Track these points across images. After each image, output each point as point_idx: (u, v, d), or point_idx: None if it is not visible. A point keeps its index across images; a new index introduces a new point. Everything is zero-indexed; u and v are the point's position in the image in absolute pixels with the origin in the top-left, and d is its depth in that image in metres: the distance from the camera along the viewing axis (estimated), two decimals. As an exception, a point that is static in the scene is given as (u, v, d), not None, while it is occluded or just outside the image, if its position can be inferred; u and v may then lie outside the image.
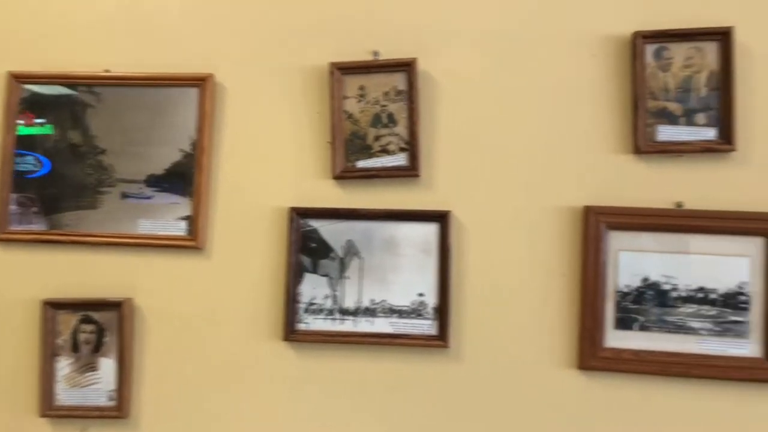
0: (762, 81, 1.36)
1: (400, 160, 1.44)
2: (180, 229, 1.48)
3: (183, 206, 1.49)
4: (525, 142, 1.42)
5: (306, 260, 1.43)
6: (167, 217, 1.49)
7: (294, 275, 1.42)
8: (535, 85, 1.42)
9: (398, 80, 1.45)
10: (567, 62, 1.42)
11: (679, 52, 1.38)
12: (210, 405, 1.46)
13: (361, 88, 1.47)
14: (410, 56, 1.43)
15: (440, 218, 1.40)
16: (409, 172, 1.43)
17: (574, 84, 1.41)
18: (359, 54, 1.47)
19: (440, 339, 1.38)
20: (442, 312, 1.39)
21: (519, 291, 1.39)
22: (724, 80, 1.35)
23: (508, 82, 1.43)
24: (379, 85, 1.46)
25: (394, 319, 1.40)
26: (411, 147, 1.43)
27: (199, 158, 1.49)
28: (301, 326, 1.42)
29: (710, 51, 1.36)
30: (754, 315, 1.31)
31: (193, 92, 1.51)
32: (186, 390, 1.47)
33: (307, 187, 1.46)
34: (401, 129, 1.44)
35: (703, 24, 1.36)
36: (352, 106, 1.46)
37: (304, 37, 1.51)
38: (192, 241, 1.47)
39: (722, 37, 1.35)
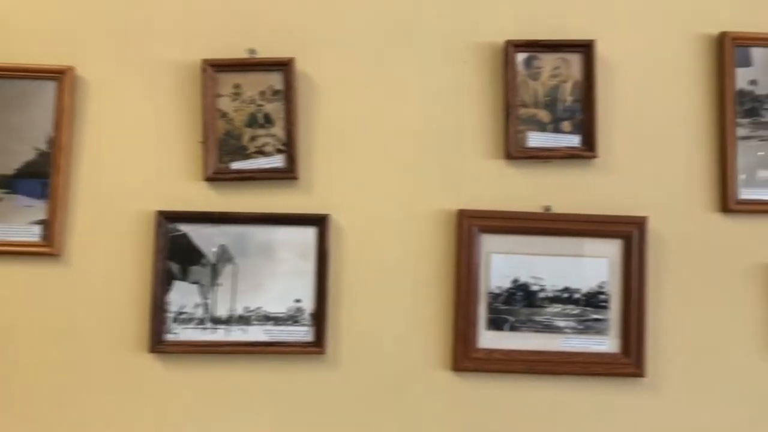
0: (621, 92, 1.44)
1: (277, 161, 1.40)
2: (33, 234, 1.36)
3: (37, 209, 1.36)
4: (401, 146, 1.42)
5: (175, 267, 1.36)
6: (18, 222, 1.36)
7: (161, 283, 1.35)
8: (411, 89, 1.43)
9: (275, 80, 1.41)
10: (442, 67, 1.44)
11: (547, 61, 1.43)
12: (72, 423, 1.35)
13: (236, 86, 1.41)
14: (288, 55, 1.40)
15: (318, 222, 1.38)
16: (287, 174, 1.39)
17: (449, 89, 1.43)
18: (235, 51, 1.41)
19: (317, 345, 1.36)
20: (319, 318, 1.36)
21: (395, 295, 1.39)
22: (586, 90, 1.42)
23: (385, 85, 1.43)
24: (255, 83, 1.41)
25: (269, 327, 1.36)
26: (288, 148, 1.39)
27: (56, 157, 1.37)
28: (169, 337, 1.35)
29: (575, 62, 1.43)
30: (613, 313, 1.39)
31: (50, 86, 1.39)
32: (46, 408, 1.35)
33: (176, 190, 1.39)
34: (278, 130, 1.40)
35: (570, 36, 1.43)
36: (226, 104, 1.41)
37: (176, 31, 1.43)
38: (47, 248, 1.35)
39: (585, 49, 1.42)
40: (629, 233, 1.39)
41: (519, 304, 1.39)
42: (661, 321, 1.40)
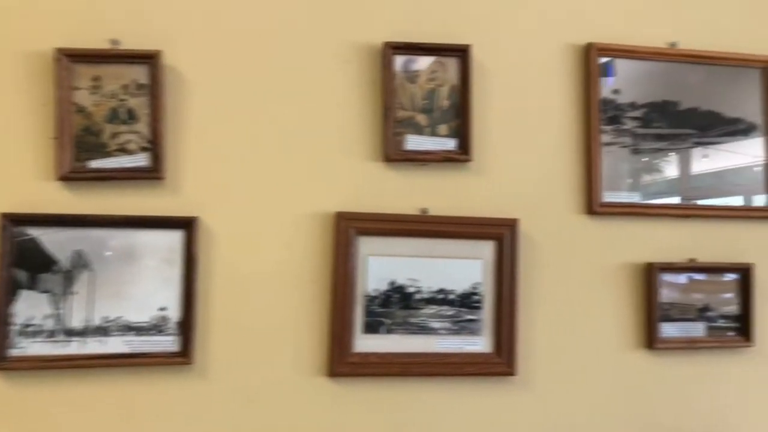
0: (496, 97, 1.48)
1: (141, 160, 1.31)
2: None
3: None
4: (277, 146, 1.38)
5: (22, 275, 1.24)
6: None
7: (5, 293, 1.22)
8: (288, 88, 1.39)
9: (140, 73, 1.32)
10: (320, 67, 1.41)
11: (425, 65, 1.44)
12: None
13: (96, 78, 1.31)
14: (154, 48, 1.31)
15: (186, 225, 1.30)
16: (152, 174, 1.30)
17: (328, 89, 1.40)
18: (96, 41, 1.31)
19: (183, 356, 1.28)
20: (186, 327, 1.29)
21: (268, 300, 1.35)
22: (462, 95, 1.44)
23: (260, 83, 1.38)
24: (117, 76, 1.32)
25: (131, 338, 1.27)
26: (154, 147, 1.30)
27: None
28: (15, 352, 1.22)
29: (451, 66, 1.45)
30: (486, 313, 1.42)
31: None
32: None
33: (24, 190, 1.27)
34: (143, 126, 1.31)
35: (447, 40, 1.44)
36: (83, 98, 1.30)
37: (27, 19, 1.31)
38: None
39: (462, 54, 1.44)
40: (501, 235, 1.42)
41: (395, 306, 1.39)
42: (532, 320, 1.44)
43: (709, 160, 1.58)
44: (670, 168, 1.56)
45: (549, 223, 1.47)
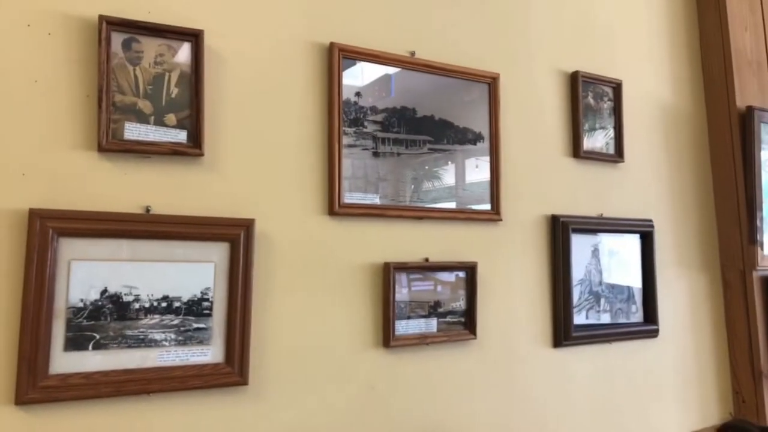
0: (232, 89, 1.39)
1: None
2: None
3: None
4: (-53, 127, 1.12)
5: None
6: None
7: None
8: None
9: None
10: (12, 37, 1.17)
11: (150, 47, 1.29)
12: None
13: None
14: None
15: None
16: None
17: (23, 65, 1.18)
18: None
19: None
20: None
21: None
22: (194, 83, 1.32)
23: None
24: None
25: None
26: None
27: None
28: None
29: (182, 51, 1.32)
30: (217, 320, 1.32)
31: None
32: None
33: None
34: None
35: (176, 22, 1.31)
36: None
37: None
38: None
39: (193, 38, 1.32)
40: (236, 236, 1.34)
41: (108, 318, 1.21)
42: (266, 325, 1.38)
43: (475, 171, 1.69)
44: (448, 176, 1.65)
45: (288, 223, 1.43)
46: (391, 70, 1.60)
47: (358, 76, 1.55)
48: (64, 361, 1.17)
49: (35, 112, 1.19)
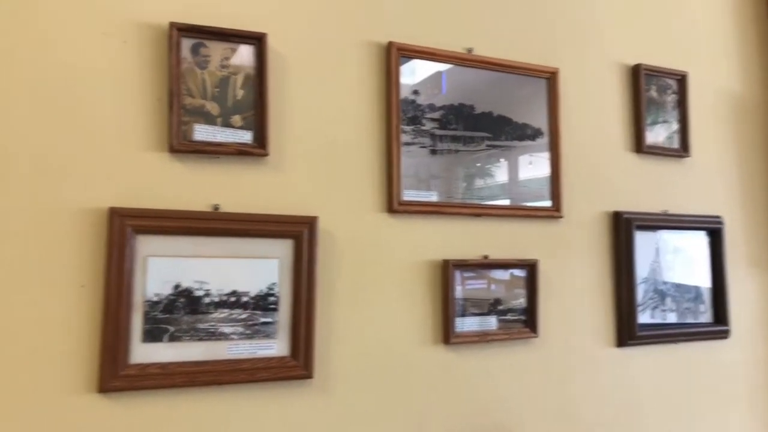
0: (295, 90, 1.42)
1: None
2: None
3: None
4: (39, 132, 1.19)
5: None
6: None
7: None
8: (53, 68, 1.21)
9: None
10: (92, 45, 1.25)
11: (216, 50, 1.34)
12: None
13: None
14: None
15: None
16: None
17: (102, 71, 1.25)
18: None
19: None
20: None
21: (28, 309, 1.15)
22: (258, 85, 1.37)
23: (18, 60, 1.18)
24: None
25: None
26: None
27: None
28: None
29: (246, 54, 1.37)
30: (282, 315, 1.35)
31: None
32: None
33: None
34: None
35: (240, 26, 1.36)
36: None
37: None
38: None
39: (257, 42, 1.37)
40: (299, 233, 1.37)
41: (181, 311, 1.27)
42: (330, 320, 1.41)
43: (530, 167, 1.68)
44: (500, 172, 1.64)
45: (348, 220, 1.45)
46: (443, 67, 1.60)
47: (409, 75, 1.56)
48: (142, 352, 1.23)
49: (112, 117, 1.25)
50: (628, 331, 1.79)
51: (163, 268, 1.26)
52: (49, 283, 1.18)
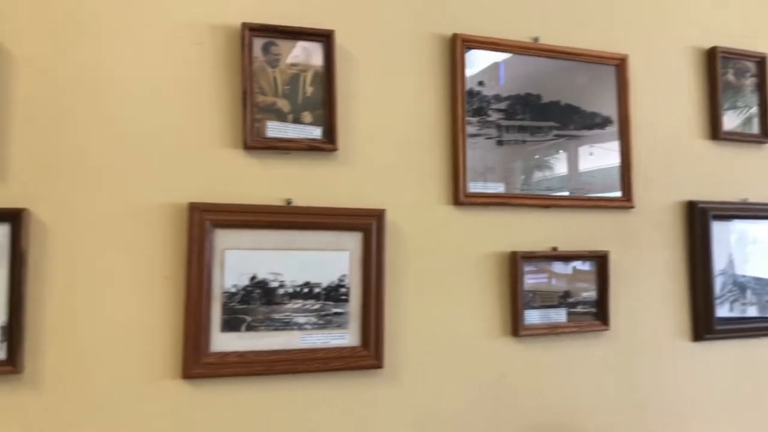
0: (361, 85, 1.44)
1: (-45, 145, 1.15)
2: None
3: None
4: (122, 133, 1.26)
5: None
6: None
7: None
8: (134, 70, 1.28)
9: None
10: (169, 48, 1.31)
11: (286, 49, 1.38)
12: None
13: None
14: (-26, 18, 1.16)
15: (12, 217, 1.16)
16: (-30, 160, 1.15)
17: (179, 73, 1.31)
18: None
19: (11, 364, 1.14)
20: (13, 332, 1.15)
21: (114, 299, 1.23)
22: (327, 81, 1.40)
23: (100, 63, 1.26)
24: None
25: (-57, 346, 1.12)
26: (-28, 130, 1.15)
27: None
28: None
29: (315, 51, 1.40)
30: (353, 305, 1.38)
31: None
32: None
33: None
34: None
35: (308, 24, 1.39)
36: None
37: None
38: None
39: (325, 39, 1.40)
40: (368, 226, 1.39)
41: (257, 302, 1.32)
42: (399, 311, 1.43)
43: (593, 158, 1.64)
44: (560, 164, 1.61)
45: (416, 213, 1.46)
46: (502, 57, 1.57)
47: (481, 65, 1.55)
48: (222, 341, 1.28)
49: (189, 115, 1.31)
50: (705, 324, 1.72)
51: (239, 260, 1.31)
52: (135, 275, 1.25)
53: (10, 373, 1.14)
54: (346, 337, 1.37)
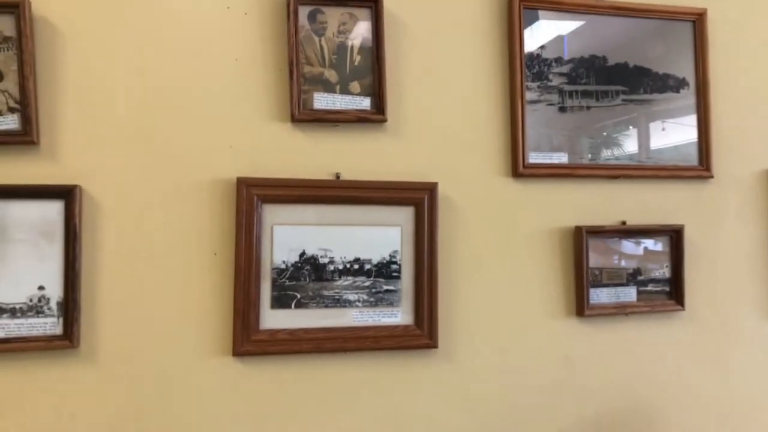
0: (411, 52, 1.37)
1: (10, 122, 1.17)
2: None
3: None
4: (167, 106, 1.25)
5: None
6: None
7: None
8: (178, 42, 1.25)
9: (5, 24, 1.17)
10: (214, 19, 1.28)
11: (333, 16, 1.32)
12: None
13: (-46, 31, 1.15)
14: (22, -4, 1.17)
15: (65, 194, 1.17)
16: (23, 137, 1.16)
17: (224, 43, 1.28)
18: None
19: (66, 339, 1.16)
20: (68, 307, 1.16)
21: (163, 276, 1.22)
22: (375, 49, 1.33)
23: (148, 37, 1.24)
24: (-21, 29, 1.16)
25: (4, 321, 1.14)
26: (24, 107, 1.16)
27: None
28: None
29: (362, 18, 1.34)
30: (405, 283, 1.33)
31: None
32: None
33: None
34: (10, 84, 1.17)
35: (357, -11, 1.33)
36: (-61, 53, 1.15)
37: None
38: None
39: (373, 4, 1.32)
40: (420, 200, 1.33)
41: (307, 279, 1.28)
42: (453, 289, 1.36)
43: (665, 133, 1.51)
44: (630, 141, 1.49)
45: (471, 186, 1.38)
46: (566, 27, 1.45)
47: (540, 27, 1.44)
48: (272, 318, 1.26)
49: (237, 89, 1.28)
50: (794, 305, 1.56)
51: (288, 236, 1.28)
52: (186, 252, 1.24)
53: (67, 348, 1.16)
54: (398, 315, 1.32)
